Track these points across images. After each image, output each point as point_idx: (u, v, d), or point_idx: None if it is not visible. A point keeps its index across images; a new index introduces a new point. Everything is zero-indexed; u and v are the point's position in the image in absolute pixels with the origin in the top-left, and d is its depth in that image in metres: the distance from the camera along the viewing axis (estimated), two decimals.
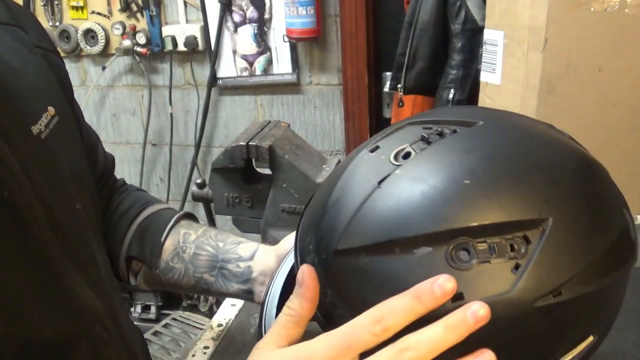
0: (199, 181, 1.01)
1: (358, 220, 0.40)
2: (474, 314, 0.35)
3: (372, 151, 0.44)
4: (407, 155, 0.42)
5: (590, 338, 0.41)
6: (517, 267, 0.38)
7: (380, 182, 0.41)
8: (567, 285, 0.38)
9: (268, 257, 0.66)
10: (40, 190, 0.46)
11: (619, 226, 0.43)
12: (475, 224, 0.38)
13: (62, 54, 2.16)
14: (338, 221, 0.41)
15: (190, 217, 0.73)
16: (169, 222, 0.69)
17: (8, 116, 0.46)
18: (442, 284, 0.36)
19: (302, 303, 0.41)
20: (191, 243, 0.68)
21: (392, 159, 0.42)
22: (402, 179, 0.41)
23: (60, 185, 0.51)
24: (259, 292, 0.66)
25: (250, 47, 2.07)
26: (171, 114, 2.23)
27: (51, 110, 0.52)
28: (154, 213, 0.71)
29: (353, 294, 0.40)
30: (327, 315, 0.42)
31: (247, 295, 0.68)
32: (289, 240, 0.65)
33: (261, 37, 2.04)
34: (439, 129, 0.44)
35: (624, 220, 0.44)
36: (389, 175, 0.41)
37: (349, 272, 0.40)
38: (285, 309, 0.43)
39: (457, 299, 0.37)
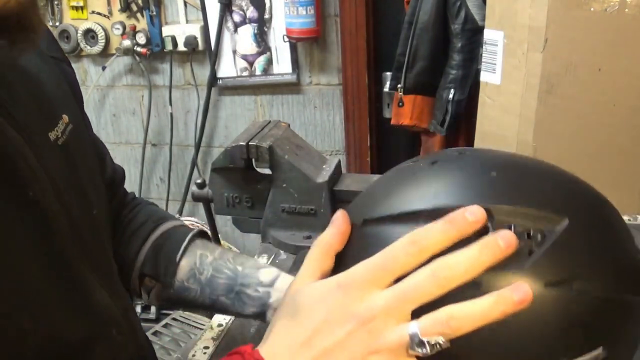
0: (199, 181, 1.01)
1: (388, 194, 0.45)
2: (504, 237, 0.37)
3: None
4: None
5: (600, 350, 0.41)
6: (530, 253, 0.40)
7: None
8: (578, 281, 0.40)
9: (288, 284, 0.66)
10: (61, 195, 0.47)
11: (635, 253, 0.46)
12: (496, 205, 0.42)
13: None
14: (370, 196, 0.48)
15: (204, 235, 0.73)
16: (184, 240, 0.69)
17: (30, 121, 0.47)
18: (474, 210, 0.38)
19: (332, 232, 0.43)
20: (208, 265, 0.68)
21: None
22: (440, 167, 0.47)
23: (78, 190, 0.52)
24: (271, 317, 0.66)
25: (250, 47, 2.07)
26: (171, 114, 2.23)
27: (65, 118, 0.53)
28: (168, 230, 0.70)
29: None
30: None
31: (260, 318, 0.68)
32: None
33: (261, 37, 2.05)
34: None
35: (635, 254, 0.46)
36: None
37: (374, 238, 0.43)
38: (315, 244, 0.44)
39: None
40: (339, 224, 0.43)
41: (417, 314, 0.38)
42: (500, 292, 0.37)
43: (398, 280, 0.38)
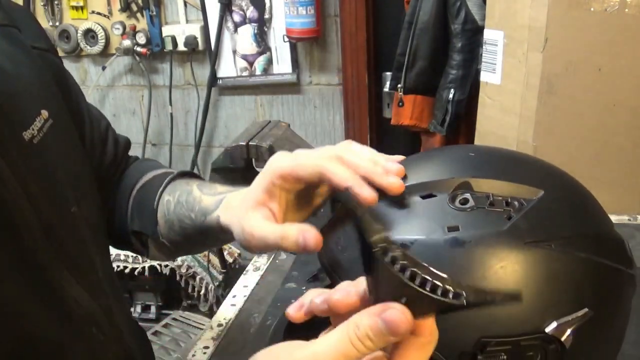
0: None
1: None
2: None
3: None
4: None
5: (585, 310, 0.42)
6: (509, 218, 0.43)
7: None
8: (557, 241, 0.42)
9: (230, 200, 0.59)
10: (31, 195, 0.47)
11: (611, 225, 0.48)
12: (474, 179, 0.46)
13: (62, 54, 2.16)
14: None
15: (183, 175, 0.69)
16: (159, 188, 0.66)
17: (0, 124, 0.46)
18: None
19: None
20: (173, 214, 0.64)
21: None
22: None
23: (53, 189, 0.51)
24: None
25: (250, 47, 2.07)
26: (171, 114, 2.23)
27: (44, 113, 0.52)
28: (145, 183, 0.69)
29: None
30: (334, 262, 0.49)
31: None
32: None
33: (261, 37, 2.05)
34: None
35: (616, 232, 0.49)
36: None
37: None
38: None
39: (453, 230, 0.43)
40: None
41: None
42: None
43: None
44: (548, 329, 0.41)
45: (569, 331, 0.41)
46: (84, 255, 0.55)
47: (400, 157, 0.51)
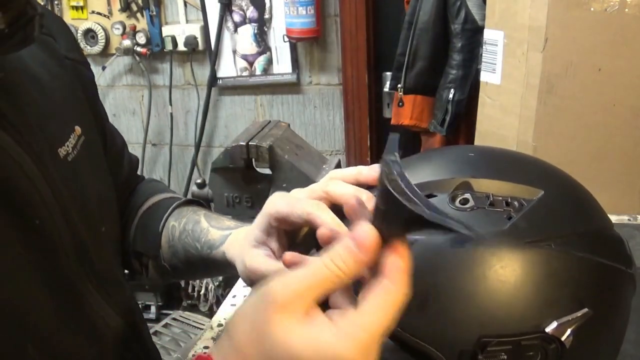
0: (199, 181, 1.01)
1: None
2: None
3: None
4: None
5: (585, 310, 0.42)
6: (509, 217, 0.44)
7: None
8: (557, 240, 0.43)
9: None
10: (68, 214, 0.46)
11: (610, 225, 0.49)
12: (475, 178, 0.46)
13: None
14: None
15: (190, 203, 0.71)
16: (165, 212, 0.68)
17: (39, 139, 0.45)
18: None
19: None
20: (177, 241, 0.66)
21: None
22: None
23: (86, 208, 0.51)
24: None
25: (250, 47, 2.07)
26: (171, 114, 2.23)
27: (78, 130, 0.52)
28: (152, 205, 0.70)
29: None
30: None
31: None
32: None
33: (261, 37, 2.04)
34: None
35: (615, 232, 0.49)
36: None
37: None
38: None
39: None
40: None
41: None
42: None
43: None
44: (548, 329, 0.41)
45: (569, 331, 0.41)
46: (111, 274, 0.55)
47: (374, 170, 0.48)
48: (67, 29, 0.60)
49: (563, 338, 0.41)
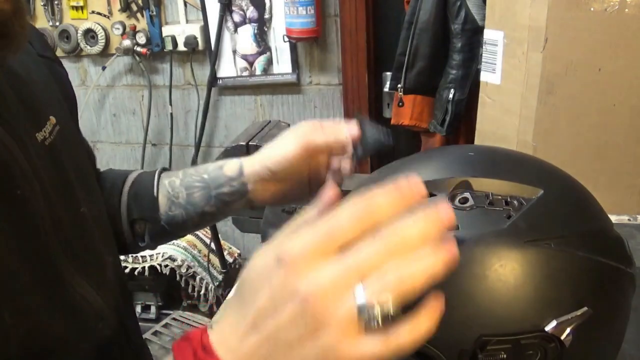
0: None
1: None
2: (441, 208, 0.35)
3: None
4: None
5: (584, 309, 0.42)
6: (509, 217, 0.44)
7: None
8: (557, 239, 0.43)
9: (255, 166, 0.69)
10: (46, 192, 0.48)
11: (610, 224, 0.49)
12: (474, 178, 0.46)
13: (62, 54, 2.16)
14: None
15: (167, 170, 0.77)
16: (154, 178, 0.72)
17: (19, 122, 0.48)
18: (414, 179, 0.36)
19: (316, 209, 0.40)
20: (179, 187, 0.71)
21: None
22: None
23: (64, 189, 0.53)
24: (260, 199, 0.70)
25: (250, 47, 2.07)
26: (171, 114, 2.23)
27: (52, 119, 0.54)
28: (136, 177, 0.73)
29: None
30: None
31: (250, 207, 0.71)
32: (272, 148, 0.68)
33: (261, 37, 2.05)
34: None
35: (615, 231, 0.49)
36: None
37: None
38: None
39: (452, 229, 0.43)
40: (325, 199, 0.39)
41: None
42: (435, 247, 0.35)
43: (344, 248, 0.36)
44: (548, 328, 0.41)
45: (568, 330, 0.41)
46: (92, 255, 0.56)
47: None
48: (39, 33, 0.65)
49: (562, 337, 0.41)
